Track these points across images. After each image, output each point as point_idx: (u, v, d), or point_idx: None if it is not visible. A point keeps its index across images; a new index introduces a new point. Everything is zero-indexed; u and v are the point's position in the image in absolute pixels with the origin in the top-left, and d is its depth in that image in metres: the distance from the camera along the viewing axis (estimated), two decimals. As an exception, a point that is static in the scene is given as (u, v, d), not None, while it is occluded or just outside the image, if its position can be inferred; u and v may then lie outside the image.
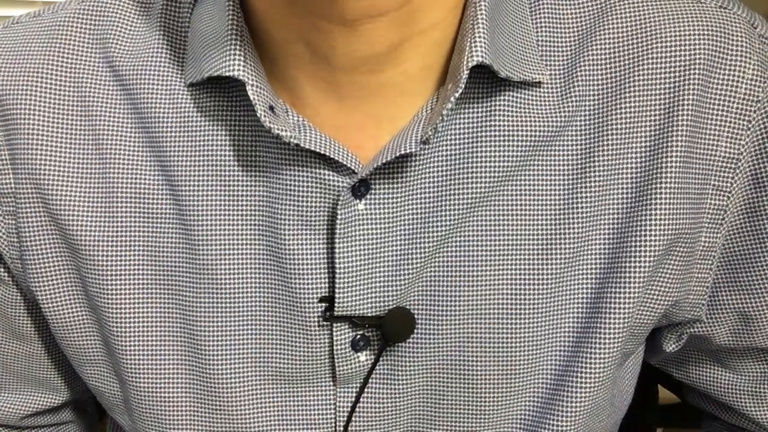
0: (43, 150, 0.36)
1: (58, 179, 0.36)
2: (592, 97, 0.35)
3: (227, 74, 0.32)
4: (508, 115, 0.34)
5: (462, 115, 0.34)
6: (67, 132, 0.36)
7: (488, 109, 0.34)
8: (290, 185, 0.34)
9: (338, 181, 0.34)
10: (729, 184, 0.36)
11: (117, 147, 0.36)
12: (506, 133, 0.34)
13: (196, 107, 0.35)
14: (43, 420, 0.46)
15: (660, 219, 0.34)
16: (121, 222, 0.36)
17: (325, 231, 0.35)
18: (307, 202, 0.34)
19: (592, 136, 0.35)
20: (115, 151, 0.36)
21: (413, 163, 0.34)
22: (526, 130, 0.34)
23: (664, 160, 0.34)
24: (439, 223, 0.35)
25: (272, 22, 0.33)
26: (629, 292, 0.35)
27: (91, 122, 0.36)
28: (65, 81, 0.36)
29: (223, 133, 0.35)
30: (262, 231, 0.35)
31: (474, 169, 0.34)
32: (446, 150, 0.34)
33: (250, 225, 0.35)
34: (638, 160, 0.35)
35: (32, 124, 0.36)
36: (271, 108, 0.33)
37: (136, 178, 0.36)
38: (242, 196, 0.35)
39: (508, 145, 0.34)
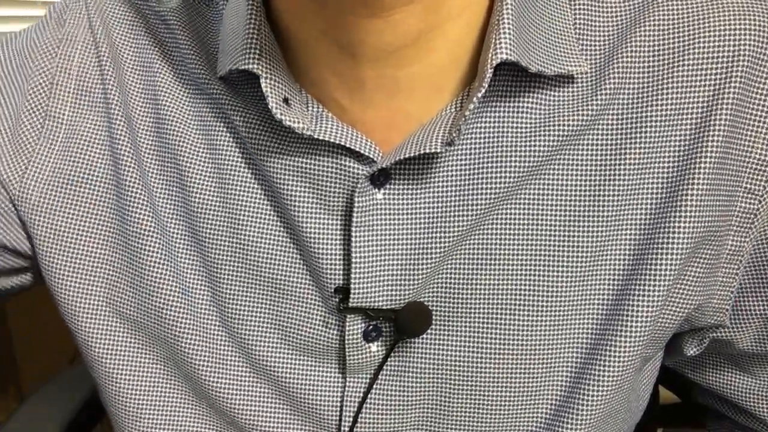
0: (132, 103, 0.38)
1: (125, 120, 0.38)
2: (628, 90, 0.34)
3: (243, 68, 0.33)
4: (536, 111, 0.34)
5: (489, 111, 0.34)
6: (137, 80, 0.38)
7: (516, 105, 0.34)
8: (310, 172, 0.34)
9: (358, 169, 0.34)
10: (762, 188, 0.34)
11: (172, 104, 0.37)
12: (533, 129, 0.34)
13: (230, 94, 0.36)
14: None
15: (689, 220, 0.33)
16: (165, 174, 0.37)
17: (342, 218, 0.35)
18: (326, 188, 0.34)
19: (624, 130, 0.34)
20: (170, 108, 0.38)
21: (436, 159, 0.34)
22: (555, 126, 0.34)
23: (699, 159, 0.33)
24: (459, 219, 0.34)
25: (297, 20, 0.33)
26: (653, 294, 0.34)
27: (153, 75, 0.38)
28: (142, 37, 0.39)
29: (250, 120, 0.35)
30: (287, 214, 0.36)
31: (498, 166, 0.34)
32: (471, 146, 0.34)
33: (278, 207, 0.36)
34: (672, 157, 0.34)
35: (126, 67, 0.38)
36: (287, 100, 0.33)
37: (183, 139, 0.37)
38: (269, 178, 0.35)
39: (535, 142, 0.34)
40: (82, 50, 0.39)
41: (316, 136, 0.32)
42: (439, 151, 0.31)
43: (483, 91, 0.31)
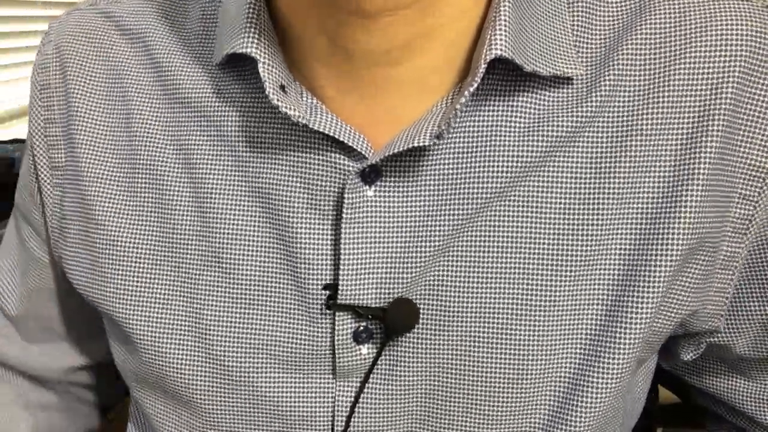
0: (85, 129, 0.39)
1: (91, 153, 0.38)
2: (623, 93, 0.34)
3: (240, 51, 0.33)
4: (530, 111, 0.33)
5: (482, 109, 0.34)
6: (104, 111, 0.39)
7: (510, 103, 0.34)
8: (300, 166, 0.34)
9: (348, 165, 0.33)
10: (757, 194, 0.34)
11: (144, 126, 0.37)
12: (527, 128, 0.33)
13: (219, 87, 0.36)
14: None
15: (685, 226, 0.33)
16: (138, 197, 0.37)
17: (332, 215, 0.34)
18: (315, 183, 0.34)
19: (619, 133, 0.34)
20: (142, 130, 0.37)
21: (427, 155, 0.34)
22: (549, 126, 0.34)
23: (695, 163, 0.33)
24: (451, 217, 0.34)
25: (294, 14, 0.33)
26: (648, 298, 0.33)
27: (125, 101, 0.38)
28: (105, 64, 0.39)
29: (240, 111, 0.35)
30: (271, 212, 0.35)
31: (490, 164, 0.34)
32: (462, 144, 0.34)
33: (260, 206, 0.35)
34: (667, 162, 0.33)
35: (81, 104, 0.39)
36: (283, 87, 0.33)
37: (156, 155, 0.37)
38: (254, 175, 0.35)
39: (529, 141, 0.33)
40: (36, 116, 0.41)
41: (311, 126, 0.32)
42: (427, 144, 0.31)
43: (475, 86, 0.31)
